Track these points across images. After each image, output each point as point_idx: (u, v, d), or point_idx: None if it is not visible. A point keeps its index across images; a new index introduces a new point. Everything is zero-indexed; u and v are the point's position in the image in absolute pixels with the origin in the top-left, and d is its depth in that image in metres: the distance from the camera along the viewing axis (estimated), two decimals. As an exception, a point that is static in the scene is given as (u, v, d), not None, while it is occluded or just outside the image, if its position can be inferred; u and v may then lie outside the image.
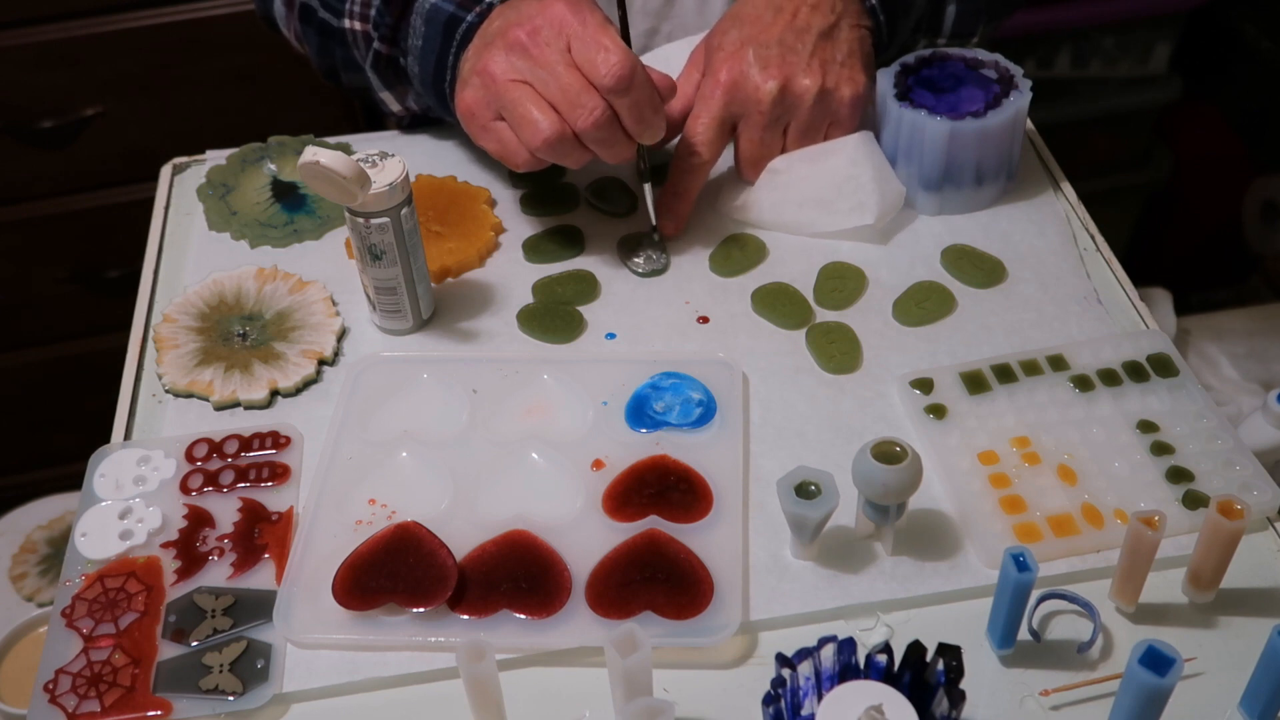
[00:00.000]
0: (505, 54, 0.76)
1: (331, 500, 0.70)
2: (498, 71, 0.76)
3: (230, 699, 0.61)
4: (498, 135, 0.78)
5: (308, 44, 0.96)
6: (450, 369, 0.77)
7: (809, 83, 0.82)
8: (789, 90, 0.82)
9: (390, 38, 0.89)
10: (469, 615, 0.64)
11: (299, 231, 0.88)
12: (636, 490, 0.69)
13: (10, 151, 1.42)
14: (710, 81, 0.83)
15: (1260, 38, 1.86)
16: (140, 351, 0.80)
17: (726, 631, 0.62)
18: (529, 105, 0.75)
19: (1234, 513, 0.59)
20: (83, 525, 0.69)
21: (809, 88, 0.82)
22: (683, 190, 0.85)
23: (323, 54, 0.95)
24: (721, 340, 0.80)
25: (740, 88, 0.82)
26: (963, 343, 0.79)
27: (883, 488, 0.62)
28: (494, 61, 0.77)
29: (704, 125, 0.83)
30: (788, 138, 0.85)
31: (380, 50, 0.90)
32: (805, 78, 0.82)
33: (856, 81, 0.84)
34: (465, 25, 0.83)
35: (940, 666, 0.54)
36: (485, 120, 0.79)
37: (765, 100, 0.82)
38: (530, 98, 0.75)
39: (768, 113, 0.83)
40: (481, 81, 0.78)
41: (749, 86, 0.82)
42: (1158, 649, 0.52)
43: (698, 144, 0.83)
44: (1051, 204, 0.89)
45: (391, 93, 0.93)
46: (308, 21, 0.93)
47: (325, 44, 0.93)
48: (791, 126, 0.85)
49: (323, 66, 0.96)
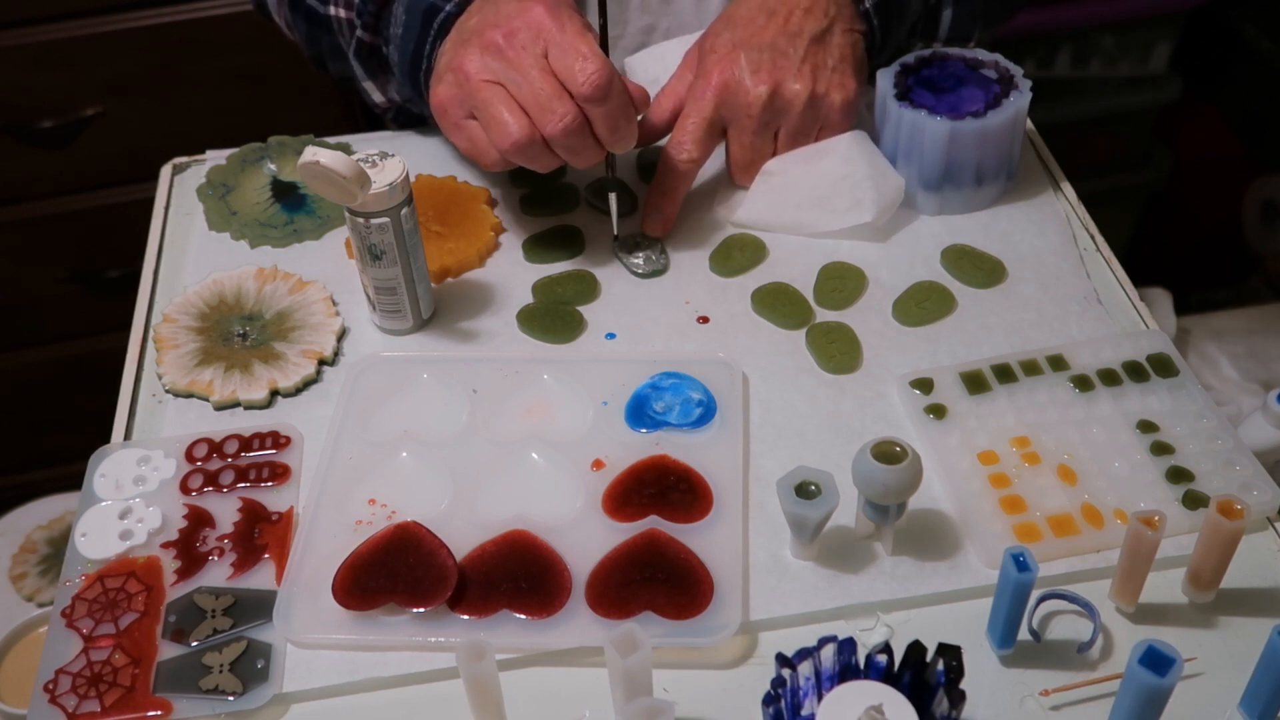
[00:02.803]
0: (480, 54, 0.77)
1: (331, 500, 0.70)
2: (472, 70, 0.77)
3: (230, 699, 0.61)
4: (469, 134, 0.79)
5: (296, 31, 0.97)
6: (450, 369, 0.77)
7: (799, 88, 0.82)
8: (779, 95, 0.82)
9: (373, 25, 0.89)
10: (469, 615, 0.64)
11: (299, 231, 0.88)
12: (636, 490, 0.69)
13: (10, 151, 1.42)
14: (701, 83, 0.83)
15: (1260, 38, 1.86)
16: (140, 351, 0.80)
17: (726, 631, 0.62)
18: (500, 107, 0.76)
19: (1234, 513, 0.59)
20: (83, 525, 0.69)
21: (799, 93, 0.82)
22: (669, 189, 0.85)
23: (311, 41, 0.96)
24: (721, 340, 0.80)
25: (731, 91, 0.83)
26: (963, 343, 0.79)
27: (883, 488, 0.62)
28: (469, 60, 0.77)
29: (693, 125, 0.83)
30: (778, 142, 0.85)
31: (363, 38, 0.90)
32: (795, 83, 0.82)
33: (847, 87, 0.84)
34: (443, 15, 0.83)
35: (940, 666, 0.54)
36: (457, 117, 0.79)
37: (755, 105, 0.82)
38: (502, 99, 0.76)
39: (757, 117, 0.83)
40: (455, 79, 0.78)
41: (740, 90, 0.82)
42: (1158, 649, 0.52)
43: (687, 143, 0.83)
44: (1051, 204, 0.89)
45: (374, 82, 0.94)
46: (296, 9, 0.94)
47: (313, 31, 0.94)
48: (782, 131, 0.85)
49: (312, 54, 0.97)
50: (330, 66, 0.96)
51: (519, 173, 0.92)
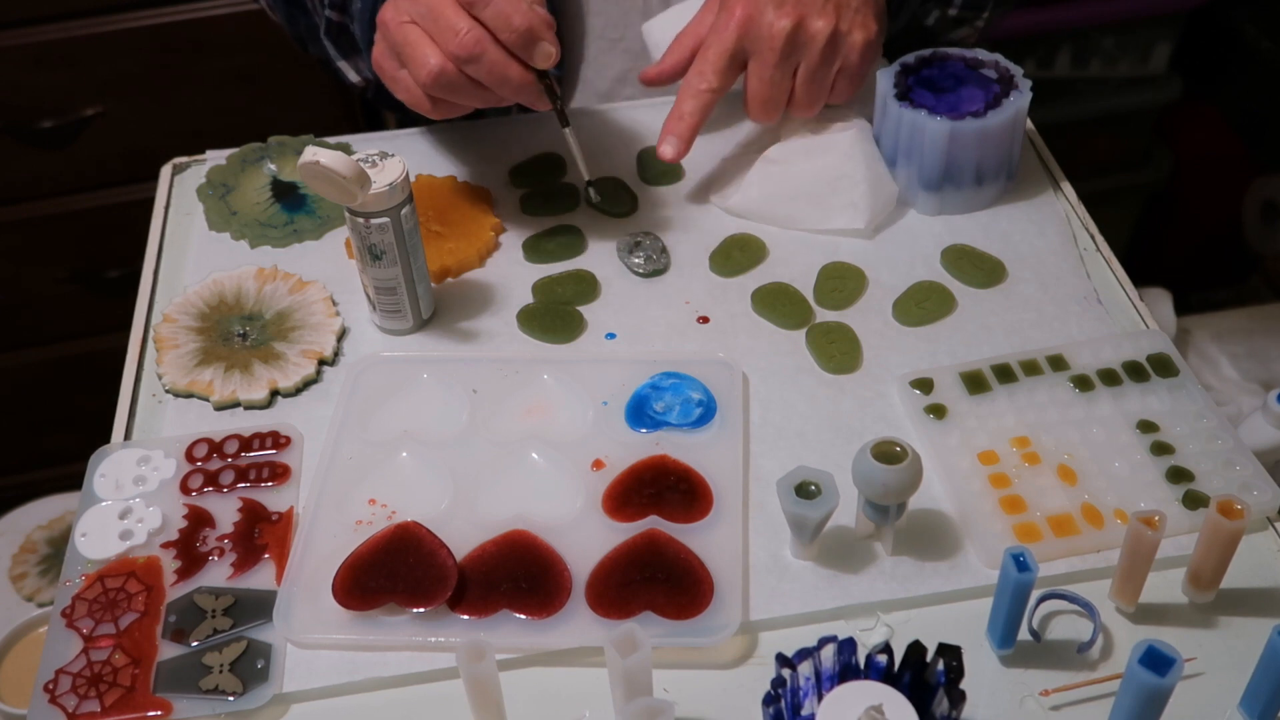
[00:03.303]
0: (395, 1, 0.78)
1: (331, 500, 0.70)
2: (389, 18, 0.78)
3: (230, 699, 0.61)
4: (404, 84, 0.79)
5: (278, 13, 0.98)
6: (450, 369, 0.77)
7: (822, 24, 0.83)
8: (802, 29, 0.83)
9: (340, 4, 0.90)
10: (469, 615, 0.64)
11: (299, 231, 0.88)
12: (636, 490, 0.69)
13: (10, 151, 1.42)
14: (725, 16, 0.84)
15: (1260, 38, 1.86)
16: (140, 351, 0.80)
17: (726, 631, 0.62)
18: (417, 44, 0.76)
19: (1234, 513, 0.59)
20: (83, 525, 0.69)
21: (822, 29, 0.83)
22: (685, 114, 0.85)
23: (290, 22, 0.97)
24: (721, 340, 0.80)
25: (754, 24, 0.83)
26: (963, 343, 0.79)
27: (883, 488, 0.62)
28: (387, 10, 0.78)
29: (714, 54, 0.84)
30: (797, 80, 0.86)
31: (331, 18, 0.91)
32: (819, 19, 0.83)
33: (869, 28, 0.85)
34: None
35: (940, 666, 0.54)
36: (392, 71, 0.80)
37: (778, 38, 0.83)
38: (417, 36, 0.76)
39: (779, 50, 0.83)
40: (381, 33, 0.79)
41: (762, 23, 0.83)
42: (1158, 649, 0.52)
43: (708, 73, 0.84)
44: (1051, 204, 0.89)
45: (348, 61, 0.95)
46: None
47: (291, 13, 0.96)
48: (801, 68, 0.85)
49: (294, 35, 0.99)
50: (310, 48, 0.98)
51: (519, 172, 0.93)
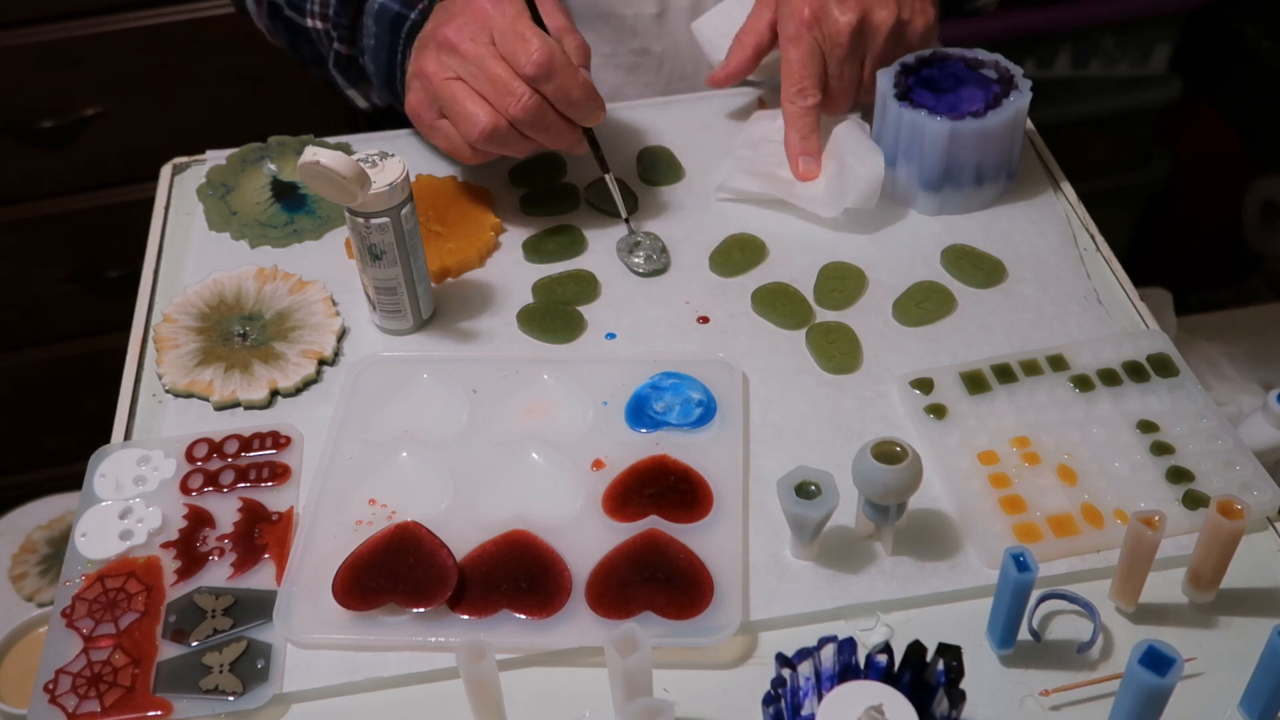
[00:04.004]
0: (437, 53, 0.79)
1: (331, 500, 0.70)
2: (432, 71, 0.79)
3: (230, 699, 0.61)
4: (444, 133, 0.82)
5: (279, 38, 0.99)
6: (450, 369, 0.77)
7: (885, 15, 0.84)
8: (867, 22, 0.85)
9: (349, 38, 0.92)
10: (469, 615, 0.64)
11: (299, 231, 0.88)
12: (636, 490, 0.69)
13: (10, 151, 1.42)
14: (795, 21, 0.85)
15: (1260, 38, 1.86)
16: (140, 351, 0.80)
17: (726, 631, 0.62)
18: (464, 100, 0.78)
19: (1234, 513, 0.59)
20: (83, 525, 0.69)
21: (885, 20, 0.84)
22: (804, 130, 0.87)
23: (294, 48, 0.98)
24: (721, 340, 0.80)
25: (822, 22, 0.85)
26: (963, 343, 0.79)
27: (883, 488, 0.62)
28: (428, 62, 0.80)
29: (800, 67, 0.85)
30: (865, 69, 0.87)
31: (340, 50, 0.93)
32: (882, 10, 0.84)
33: (928, 14, 0.86)
34: (409, 23, 0.86)
35: (940, 666, 0.54)
36: (430, 120, 0.82)
37: (845, 33, 0.84)
38: (465, 93, 0.78)
39: (846, 44, 0.85)
40: (420, 84, 0.81)
41: (828, 20, 0.84)
42: (1158, 649, 0.52)
43: (808, 88, 0.86)
44: (1051, 204, 0.89)
45: (356, 90, 0.97)
46: (275, 18, 0.96)
47: (294, 40, 0.97)
48: (868, 58, 0.87)
49: (297, 59, 1.00)
50: (314, 71, 0.99)
51: (519, 172, 0.93)
